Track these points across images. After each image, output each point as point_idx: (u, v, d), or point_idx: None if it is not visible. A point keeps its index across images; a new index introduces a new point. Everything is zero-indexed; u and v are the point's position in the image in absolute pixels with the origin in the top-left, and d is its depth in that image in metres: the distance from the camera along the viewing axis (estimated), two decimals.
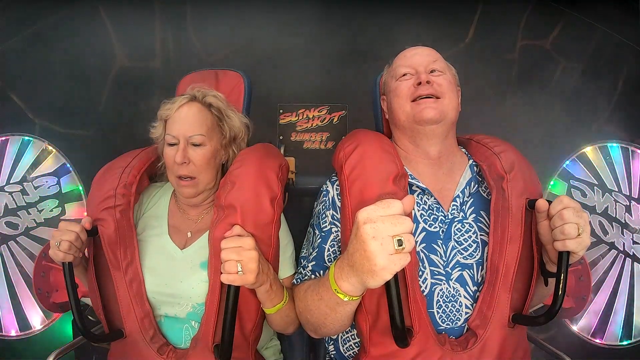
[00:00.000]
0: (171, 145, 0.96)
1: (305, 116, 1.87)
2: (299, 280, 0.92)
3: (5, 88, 1.74)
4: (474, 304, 0.83)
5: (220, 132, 1.00)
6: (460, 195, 0.90)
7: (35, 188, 1.67)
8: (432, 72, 0.91)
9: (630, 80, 1.83)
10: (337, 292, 0.69)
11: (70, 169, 1.71)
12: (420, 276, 0.83)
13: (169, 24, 1.84)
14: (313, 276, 0.89)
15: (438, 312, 0.82)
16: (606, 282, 1.69)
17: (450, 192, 0.91)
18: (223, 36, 1.86)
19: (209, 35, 1.85)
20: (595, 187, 1.73)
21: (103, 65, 1.81)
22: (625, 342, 1.67)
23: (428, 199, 0.89)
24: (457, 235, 0.87)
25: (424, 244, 0.85)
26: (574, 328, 1.70)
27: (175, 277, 0.93)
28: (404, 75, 0.92)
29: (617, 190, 1.71)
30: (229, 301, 0.78)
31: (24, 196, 1.66)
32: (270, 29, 1.86)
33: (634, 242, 1.68)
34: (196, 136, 0.95)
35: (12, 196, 1.65)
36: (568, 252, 0.73)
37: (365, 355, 0.81)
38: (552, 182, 1.76)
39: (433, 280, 0.83)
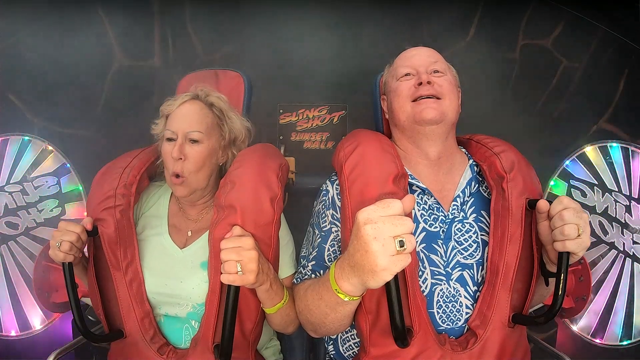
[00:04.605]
0: (170, 141, 0.96)
1: (305, 116, 1.87)
2: (299, 279, 0.92)
3: (3, 88, 1.74)
4: (474, 304, 0.83)
5: (219, 132, 1.00)
6: (461, 195, 0.90)
7: (35, 188, 1.67)
8: (433, 72, 0.91)
9: (631, 80, 1.83)
10: (338, 292, 0.69)
11: (70, 169, 1.71)
12: (421, 276, 0.83)
13: (168, 23, 1.83)
14: (313, 276, 0.89)
15: (438, 312, 0.82)
16: (606, 282, 1.68)
17: (450, 192, 0.91)
18: (223, 35, 1.86)
19: (208, 34, 1.85)
20: (595, 187, 1.73)
21: (102, 64, 1.80)
22: (625, 342, 1.67)
23: (428, 199, 0.89)
24: (457, 235, 0.87)
25: (424, 244, 0.85)
26: (574, 328, 1.69)
27: (176, 277, 0.93)
28: (405, 75, 0.92)
29: (617, 190, 1.71)
30: (229, 301, 0.78)
31: (24, 196, 1.66)
32: (270, 29, 1.86)
33: (634, 242, 1.68)
34: (194, 132, 0.95)
35: (12, 196, 1.65)
36: (568, 253, 0.73)
37: (365, 355, 0.81)
38: (552, 182, 1.76)
39: (433, 280, 0.83)
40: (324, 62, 1.87)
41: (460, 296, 0.84)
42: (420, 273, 0.83)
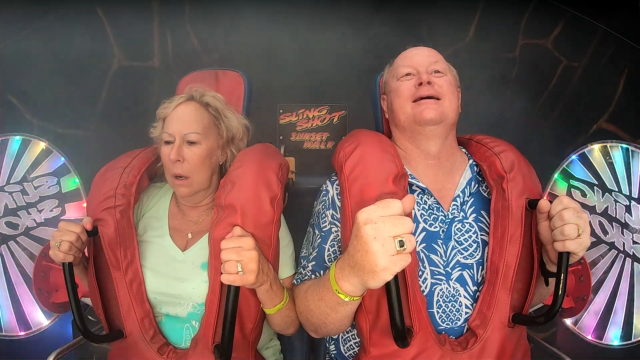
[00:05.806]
0: (167, 143, 0.96)
1: (305, 116, 1.87)
2: (299, 280, 0.92)
3: (3, 88, 1.74)
4: (474, 304, 0.83)
5: (217, 131, 1.00)
6: (461, 195, 0.90)
7: (35, 188, 1.67)
8: (433, 72, 0.91)
9: (631, 80, 1.83)
10: (338, 293, 0.69)
11: (71, 169, 1.71)
12: (420, 276, 0.83)
13: (167, 23, 1.84)
14: (313, 276, 0.89)
15: (438, 312, 0.82)
16: (606, 282, 1.68)
17: (450, 192, 0.91)
18: (222, 36, 1.86)
19: (208, 34, 1.85)
20: (595, 187, 1.73)
21: (101, 64, 1.81)
22: (625, 342, 1.67)
23: (428, 199, 0.89)
24: (457, 235, 0.87)
25: (424, 244, 0.85)
26: (574, 328, 1.69)
27: (177, 277, 0.94)
28: (405, 75, 0.92)
29: (617, 190, 1.71)
30: (229, 301, 0.78)
31: (24, 196, 1.66)
32: (270, 29, 1.86)
33: (634, 242, 1.67)
34: (191, 134, 0.95)
35: (12, 196, 1.65)
36: (568, 253, 0.73)
37: (365, 355, 0.81)
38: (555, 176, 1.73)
39: (433, 280, 0.83)
40: (324, 62, 1.87)
41: (460, 296, 0.84)
42: (420, 273, 0.83)
